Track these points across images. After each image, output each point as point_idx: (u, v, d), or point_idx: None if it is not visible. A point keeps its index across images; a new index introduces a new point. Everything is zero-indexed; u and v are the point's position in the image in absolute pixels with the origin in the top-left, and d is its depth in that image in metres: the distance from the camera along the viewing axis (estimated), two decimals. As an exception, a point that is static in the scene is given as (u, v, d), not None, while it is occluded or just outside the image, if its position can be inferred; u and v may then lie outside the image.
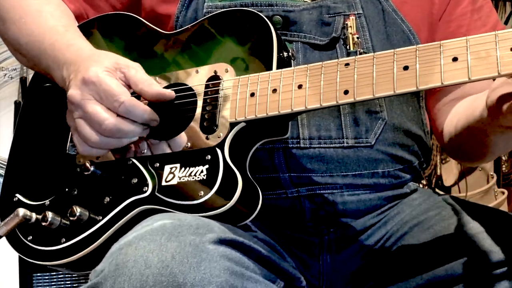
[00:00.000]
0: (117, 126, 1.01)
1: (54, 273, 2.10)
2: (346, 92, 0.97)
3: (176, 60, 1.16)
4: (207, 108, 1.07)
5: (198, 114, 1.07)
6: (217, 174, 1.00)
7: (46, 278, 2.11)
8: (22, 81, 2.59)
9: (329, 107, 1.02)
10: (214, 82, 1.08)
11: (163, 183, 1.03)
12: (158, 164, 1.06)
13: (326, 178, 1.15)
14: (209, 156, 1.02)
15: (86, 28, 1.25)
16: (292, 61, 1.10)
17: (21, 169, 1.23)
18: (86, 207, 1.05)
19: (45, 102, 1.27)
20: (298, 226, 1.18)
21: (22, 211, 1.07)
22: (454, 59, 0.91)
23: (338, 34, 1.18)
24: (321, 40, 1.18)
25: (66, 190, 1.12)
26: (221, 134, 1.04)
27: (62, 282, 2.12)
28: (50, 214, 1.06)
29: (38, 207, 1.13)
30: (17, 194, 1.17)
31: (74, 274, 2.09)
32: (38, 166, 1.20)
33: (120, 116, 1.02)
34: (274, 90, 1.02)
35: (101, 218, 1.05)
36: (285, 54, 1.09)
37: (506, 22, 3.13)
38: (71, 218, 1.04)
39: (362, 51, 1.17)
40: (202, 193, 0.99)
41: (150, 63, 1.13)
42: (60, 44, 1.14)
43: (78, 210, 1.04)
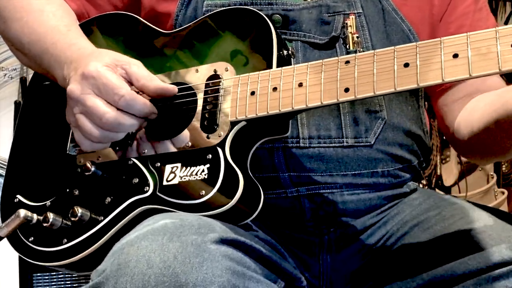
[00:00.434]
0: (117, 120, 1.01)
1: (54, 273, 2.09)
2: (347, 89, 0.97)
3: (175, 59, 1.16)
4: (208, 107, 1.07)
5: (198, 113, 1.07)
6: (218, 173, 0.99)
7: (46, 278, 2.11)
8: (22, 81, 2.58)
9: (329, 105, 1.02)
10: (214, 81, 1.08)
11: (164, 183, 1.03)
12: (159, 163, 1.05)
13: (326, 178, 1.15)
14: (210, 155, 1.02)
15: (86, 27, 1.25)
16: (292, 59, 1.10)
17: (21, 170, 1.22)
18: (87, 208, 1.05)
19: (45, 102, 1.27)
20: (298, 225, 1.18)
21: (23, 212, 1.07)
22: (455, 56, 0.90)
23: (338, 33, 1.18)
24: (320, 39, 1.18)
25: (67, 190, 1.12)
26: (221, 133, 1.04)
27: (62, 282, 2.11)
28: (51, 215, 1.06)
29: (39, 208, 1.13)
30: (18, 195, 1.17)
31: (74, 274, 2.09)
32: (38, 167, 1.20)
33: (119, 109, 1.02)
34: (275, 89, 1.02)
35: (102, 218, 1.05)
36: (285, 52, 1.08)
37: (506, 22, 3.13)
38: (73, 219, 1.04)
39: (361, 50, 1.17)
40: (203, 192, 0.99)
41: (150, 62, 1.13)
42: (62, 43, 1.14)
43: (79, 210, 1.04)
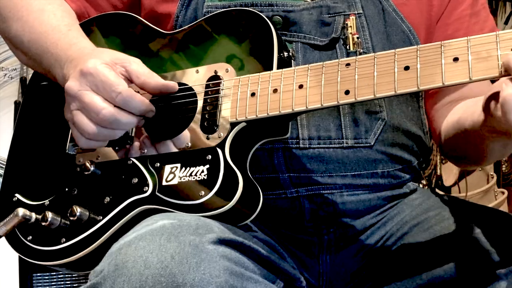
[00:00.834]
0: (114, 116, 1.01)
1: (54, 273, 2.09)
2: (347, 92, 0.97)
3: (175, 59, 1.16)
4: (208, 108, 1.07)
5: (198, 114, 1.07)
6: (217, 174, 0.99)
7: (46, 278, 2.11)
8: (22, 81, 2.59)
9: (330, 107, 1.02)
10: (215, 82, 1.08)
11: (164, 183, 1.03)
12: (159, 164, 1.05)
13: (326, 178, 1.15)
14: (209, 156, 1.02)
15: (86, 27, 1.24)
16: (292, 61, 1.10)
17: (20, 169, 1.22)
18: (86, 207, 1.05)
19: (44, 101, 1.26)
20: (297, 226, 1.18)
21: (21, 211, 1.07)
22: (455, 59, 0.91)
23: (338, 35, 1.18)
24: (321, 40, 1.18)
25: (66, 190, 1.12)
26: (221, 134, 1.04)
27: (62, 282, 2.11)
28: (50, 214, 1.06)
29: (37, 207, 1.13)
30: (16, 194, 1.17)
31: (74, 274, 2.09)
32: (37, 166, 1.20)
33: (117, 106, 1.02)
34: (275, 90, 1.02)
35: (101, 218, 1.05)
36: (285, 54, 1.08)
37: (506, 22, 3.13)
38: (71, 218, 1.04)
39: (362, 51, 1.17)
40: (202, 193, 0.99)
41: (150, 62, 1.13)
42: (63, 43, 1.14)
43: (78, 210, 1.04)
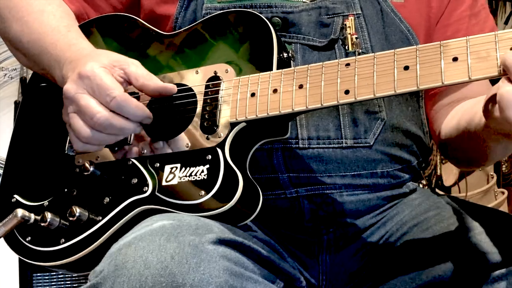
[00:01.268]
0: (108, 121, 1.01)
1: (54, 273, 2.09)
2: (347, 92, 0.97)
3: (175, 61, 1.16)
4: (208, 108, 1.07)
5: (198, 114, 1.07)
6: (217, 174, 0.99)
7: (46, 278, 2.11)
8: (22, 81, 2.59)
9: (329, 107, 1.02)
10: (215, 82, 1.08)
11: (164, 183, 1.03)
12: (158, 164, 1.05)
13: (325, 178, 1.15)
14: (209, 156, 1.02)
15: (85, 28, 1.24)
16: (291, 62, 1.10)
17: (19, 169, 1.22)
18: (85, 208, 1.05)
19: (43, 102, 1.26)
20: (297, 226, 1.18)
21: (20, 212, 1.07)
22: (454, 59, 0.91)
23: (337, 36, 1.18)
24: (320, 41, 1.18)
25: (65, 190, 1.12)
26: (221, 134, 1.04)
27: (62, 282, 2.12)
28: (49, 215, 1.05)
29: (36, 208, 1.13)
30: (15, 195, 1.17)
31: (73, 274, 2.09)
32: (36, 167, 1.20)
33: (113, 111, 1.01)
34: (275, 90, 1.02)
35: (100, 218, 1.04)
36: (285, 55, 1.09)
37: (506, 22, 3.13)
38: (71, 219, 1.04)
39: (360, 51, 1.17)
40: (202, 193, 0.99)
41: (149, 64, 1.13)
42: (62, 44, 1.14)
43: (77, 210, 1.04)
